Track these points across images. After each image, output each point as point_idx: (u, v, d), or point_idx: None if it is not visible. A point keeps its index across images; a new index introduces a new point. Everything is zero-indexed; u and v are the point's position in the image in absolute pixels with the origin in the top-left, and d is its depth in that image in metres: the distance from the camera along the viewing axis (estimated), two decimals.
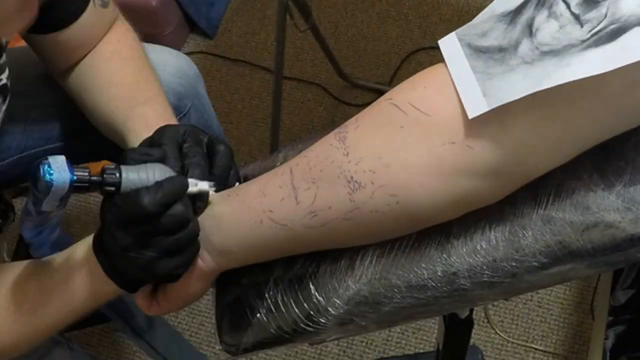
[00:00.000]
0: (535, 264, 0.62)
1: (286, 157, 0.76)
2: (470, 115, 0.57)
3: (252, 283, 0.73)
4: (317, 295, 0.68)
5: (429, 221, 0.63)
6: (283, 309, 0.70)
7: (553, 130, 0.56)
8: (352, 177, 0.62)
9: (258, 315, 0.71)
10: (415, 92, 0.62)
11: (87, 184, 0.69)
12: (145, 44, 1.12)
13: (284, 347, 0.74)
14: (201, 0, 2.07)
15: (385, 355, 1.59)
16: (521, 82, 0.55)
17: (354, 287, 0.67)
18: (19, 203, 1.84)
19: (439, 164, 0.59)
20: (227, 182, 0.76)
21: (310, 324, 0.68)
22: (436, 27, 2.03)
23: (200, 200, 0.73)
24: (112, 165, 0.70)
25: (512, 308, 1.60)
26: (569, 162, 0.61)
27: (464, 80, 0.58)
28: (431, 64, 0.64)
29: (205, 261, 0.73)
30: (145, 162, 0.72)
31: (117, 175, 0.69)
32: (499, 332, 1.58)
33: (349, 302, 0.67)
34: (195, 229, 0.71)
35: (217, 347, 0.75)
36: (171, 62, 1.11)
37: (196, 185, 0.72)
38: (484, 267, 0.63)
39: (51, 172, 0.67)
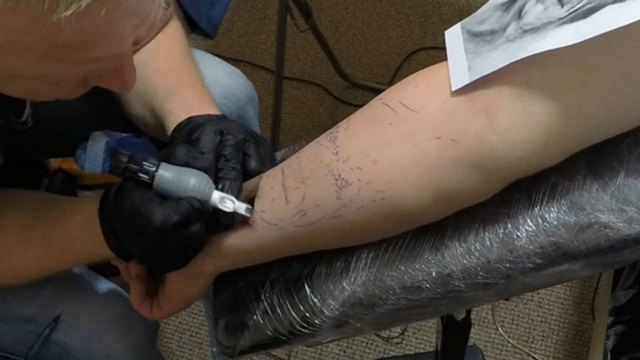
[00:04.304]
0: (530, 265, 0.62)
1: (284, 159, 0.76)
2: (454, 88, 0.59)
3: (249, 285, 0.73)
4: (313, 297, 0.68)
5: (416, 218, 0.63)
6: (279, 310, 0.70)
7: (538, 125, 0.56)
8: (339, 175, 0.63)
9: (254, 317, 0.72)
10: (407, 91, 0.63)
11: (121, 173, 0.68)
12: (202, 53, 1.09)
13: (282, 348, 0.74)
14: (202, 1, 2.07)
15: (385, 355, 1.59)
16: (501, 56, 0.57)
17: (348, 288, 0.67)
18: None
19: (424, 158, 0.59)
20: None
21: (306, 325, 0.69)
22: (437, 27, 2.03)
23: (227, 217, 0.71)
24: (153, 159, 0.69)
25: (513, 308, 1.60)
26: (563, 163, 0.61)
27: (455, 60, 0.60)
28: (432, 64, 0.65)
29: (203, 262, 0.73)
30: (189, 165, 0.70)
31: (153, 170, 0.68)
32: (499, 332, 1.58)
33: (343, 304, 0.67)
34: (203, 246, 0.71)
35: (204, 343, 0.76)
36: (222, 80, 1.08)
37: (233, 203, 0.69)
38: (478, 269, 0.63)
39: (84, 158, 0.67)
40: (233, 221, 0.70)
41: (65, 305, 0.90)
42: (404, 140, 0.60)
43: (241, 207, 0.69)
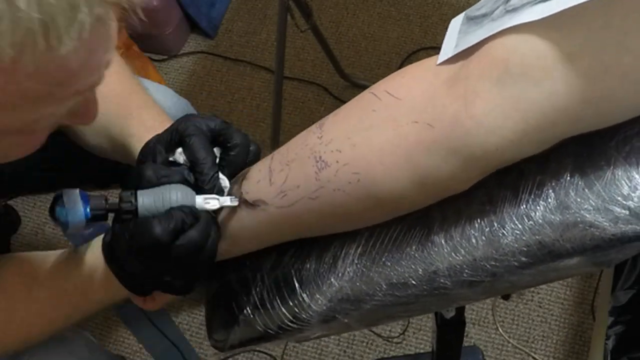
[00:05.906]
0: (515, 263, 0.62)
1: None
2: (439, 62, 0.61)
3: (240, 280, 0.74)
4: (301, 292, 0.69)
5: (392, 204, 0.63)
6: (269, 305, 0.71)
7: (516, 112, 0.56)
8: (320, 157, 0.64)
9: (245, 312, 0.72)
10: (393, 81, 0.64)
11: (104, 212, 0.69)
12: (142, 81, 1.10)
13: (284, 346, 0.74)
14: (202, 0, 2.08)
15: (385, 355, 1.59)
16: (482, 33, 0.58)
17: (336, 284, 0.67)
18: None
19: (401, 142, 0.60)
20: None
21: (295, 320, 0.69)
22: (437, 27, 2.03)
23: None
24: (128, 192, 0.69)
25: (513, 308, 1.60)
26: (550, 160, 0.61)
27: (448, 40, 0.63)
28: None
29: None
30: (163, 184, 0.70)
31: (133, 201, 0.69)
32: (499, 332, 1.58)
33: (331, 299, 0.68)
34: (210, 252, 0.71)
35: (205, 343, 0.76)
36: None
37: (218, 201, 0.70)
38: (464, 266, 0.63)
39: (65, 212, 0.67)
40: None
41: (30, 352, 0.88)
42: (385, 125, 0.61)
43: (226, 201, 0.70)
